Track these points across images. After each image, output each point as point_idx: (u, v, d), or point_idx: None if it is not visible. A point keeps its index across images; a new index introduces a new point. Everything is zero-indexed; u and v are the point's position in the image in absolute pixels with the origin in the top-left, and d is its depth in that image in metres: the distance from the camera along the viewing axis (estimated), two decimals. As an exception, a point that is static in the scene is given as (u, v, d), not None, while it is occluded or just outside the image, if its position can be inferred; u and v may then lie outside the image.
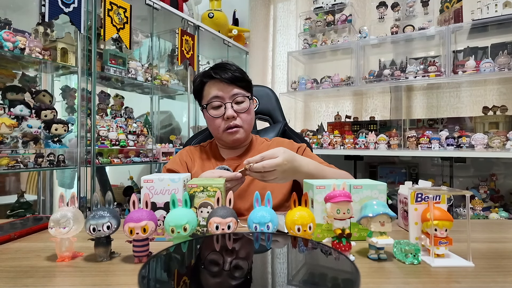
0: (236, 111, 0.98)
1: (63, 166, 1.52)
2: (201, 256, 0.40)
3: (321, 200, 0.60)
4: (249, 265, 0.38)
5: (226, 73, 0.97)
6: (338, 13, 2.30)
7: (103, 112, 1.80)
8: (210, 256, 0.40)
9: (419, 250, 0.50)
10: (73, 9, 1.48)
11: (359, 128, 2.23)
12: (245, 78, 1.02)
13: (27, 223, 0.73)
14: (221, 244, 0.43)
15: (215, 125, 1.00)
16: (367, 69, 2.18)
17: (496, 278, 0.45)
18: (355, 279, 0.31)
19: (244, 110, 0.99)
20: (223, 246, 0.43)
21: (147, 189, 0.61)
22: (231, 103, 0.97)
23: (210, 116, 1.00)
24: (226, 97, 0.98)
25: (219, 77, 0.97)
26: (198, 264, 0.38)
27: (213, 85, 0.99)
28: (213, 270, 0.36)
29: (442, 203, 0.54)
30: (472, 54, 1.91)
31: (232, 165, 1.02)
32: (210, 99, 0.99)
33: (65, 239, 0.51)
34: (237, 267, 0.38)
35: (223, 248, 0.42)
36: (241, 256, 0.41)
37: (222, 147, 1.09)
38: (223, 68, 0.99)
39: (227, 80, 0.97)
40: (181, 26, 2.19)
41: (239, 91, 0.99)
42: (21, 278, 0.45)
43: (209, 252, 0.41)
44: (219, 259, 0.39)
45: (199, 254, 0.41)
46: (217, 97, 0.98)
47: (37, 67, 1.64)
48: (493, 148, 1.66)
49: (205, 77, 1.01)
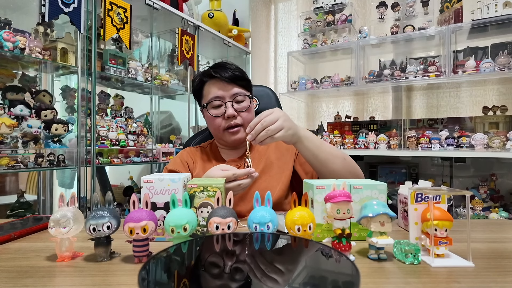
0: (236, 110, 0.97)
1: (63, 166, 1.52)
2: (201, 256, 0.40)
3: (321, 200, 0.60)
4: (248, 266, 0.38)
5: (226, 72, 0.97)
6: (338, 13, 2.30)
7: (103, 112, 1.80)
8: (210, 257, 0.40)
9: (419, 250, 0.50)
10: (73, 9, 1.48)
11: (359, 128, 2.23)
12: (245, 77, 1.02)
13: (27, 223, 0.73)
14: (221, 244, 0.43)
15: (216, 125, 0.99)
16: (367, 69, 2.17)
17: (496, 278, 0.45)
18: (355, 279, 0.31)
19: (244, 109, 0.99)
20: (223, 246, 0.43)
21: (147, 189, 0.61)
22: (232, 102, 0.97)
23: (210, 115, 0.99)
24: (227, 96, 0.97)
25: (219, 76, 0.97)
26: (198, 264, 0.38)
27: (213, 85, 0.99)
28: (213, 271, 0.36)
29: (442, 203, 0.54)
30: (472, 54, 1.91)
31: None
32: (210, 99, 0.98)
33: (65, 239, 0.51)
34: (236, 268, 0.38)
35: (223, 249, 0.42)
36: (240, 257, 0.41)
37: (223, 147, 1.09)
38: (223, 67, 0.99)
39: (227, 79, 0.97)
40: (181, 26, 2.19)
41: (239, 90, 0.99)
42: (21, 278, 0.45)
43: (209, 253, 0.41)
44: (219, 259, 0.39)
45: (199, 255, 0.41)
46: (217, 96, 0.97)
47: (37, 67, 1.64)
48: (493, 148, 1.66)
49: (204, 77, 1.01)
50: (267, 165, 1.03)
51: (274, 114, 0.81)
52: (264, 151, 1.07)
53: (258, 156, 1.06)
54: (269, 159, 1.04)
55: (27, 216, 0.82)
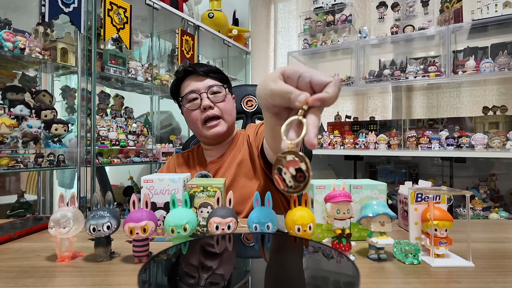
0: (213, 102, 0.95)
1: (63, 166, 1.52)
2: (200, 256, 0.40)
3: (321, 200, 0.60)
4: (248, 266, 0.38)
5: (200, 67, 0.97)
6: (338, 13, 2.30)
7: (103, 112, 1.79)
8: (210, 256, 0.40)
9: (419, 250, 0.50)
10: (73, 9, 1.48)
11: (359, 128, 2.23)
12: (220, 71, 1.01)
13: (27, 223, 0.73)
14: (221, 244, 0.43)
15: (193, 119, 0.97)
16: (367, 69, 2.17)
17: (496, 278, 0.45)
18: (355, 279, 0.31)
19: (220, 99, 0.97)
20: (223, 246, 0.43)
21: (147, 189, 0.61)
22: (207, 94, 0.95)
23: (186, 109, 0.98)
24: (201, 88, 0.96)
25: (193, 69, 0.97)
26: (197, 264, 0.38)
27: (188, 80, 0.99)
28: (213, 270, 0.36)
29: (442, 203, 0.54)
30: (472, 54, 1.91)
31: (213, 169, 1.00)
32: (185, 93, 0.97)
33: (65, 239, 0.51)
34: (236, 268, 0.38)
35: (223, 248, 0.42)
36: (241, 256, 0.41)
37: (206, 147, 1.05)
38: (198, 64, 1.00)
39: (202, 72, 0.97)
40: (181, 26, 2.19)
41: (214, 82, 0.98)
42: (21, 278, 0.45)
43: (209, 253, 0.41)
44: (219, 258, 0.39)
45: (199, 255, 0.41)
46: (192, 90, 0.96)
47: (37, 67, 1.64)
48: (493, 148, 1.66)
49: (180, 74, 1.01)
50: (241, 163, 0.98)
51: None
52: (240, 148, 1.02)
53: (236, 152, 1.01)
54: (242, 156, 0.99)
55: (27, 216, 0.82)
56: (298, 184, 0.37)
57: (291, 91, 0.40)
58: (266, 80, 0.45)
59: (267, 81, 0.44)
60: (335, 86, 0.38)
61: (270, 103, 0.44)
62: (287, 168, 0.37)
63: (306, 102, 0.38)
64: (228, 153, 1.02)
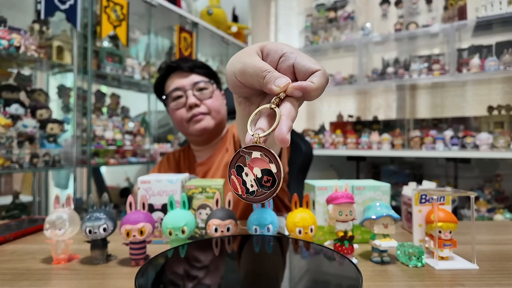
0: (199, 99, 0.89)
1: (59, 167, 1.51)
2: (200, 259, 0.39)
3: (323, 202, 0.59)
4: (249, 268, 0.37)
5: (185, 63, 0.91)
6: (340, 9, 2.28)
7: (99, 111, 1.76)
8: (209, 259, 0.39)
9: (423, 253, 0.49)
10: (69, 6, 1.46)
11: (361, 127, 2.21)
12: (207, 66, 0.96)
13: (23, 225, 0.72)
14: (220, 246, 0.42)
15: (178, 118, 0.91)
16: (370, 67, 2.16)
17: (501, 280, 0.44)
18: (358, 282, 0.30)
19: (207, 96, 0.90)
20: (222, 248, 0.42)
21: (144, 190, 0.60)
22: (192, 91, 0.89)
23: (171, 109, 0.92)
24: (187, 85, 0.90)
25: (176, 65, 0.91)
26: (196, 267, 0.37)
27: (172, 77, 0.93)
28: (212, 273, 0.35)
29: (446, 204, 0.53)
30: (477, 52, 1.89)
31: (201, 171, 0.95)
32: (169, 91, 0.91)
33: (60, 241, 0.50)
34: (236, 271, 0.37)
35: (222, 251, 0.41)
36: (240, 259, 0.40)
37: (195, 147, 1.00)
38: (182, 59, 0.95)
39: (187, 68, 0.90)
40: (179, 23, 2.15)
41: (200, 78, 0.91)
42: (16, 281, 0.44)
43: (209, 255, 0.40)
44: (219, 261, 0.38)
45: (198, 257, 0.40)
46: (177, 87, 0.90)
47: (32, 66, 1.62)
48: (498, 148, 1.64)
49: (163, 70, 0.96)
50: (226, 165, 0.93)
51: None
52: (228, 147, 0.95)
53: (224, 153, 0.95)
54: (229, 156, 0.92)
55: (22, 218, 0.81)
56: (263, 191, 0.30)
57: (268, 69, 0.32)
58: (239, 53, 0.37)
59: (240, 55, 0.37)
60: (322, 76, 0.31)
61: (238, 81, 0.36)
62: (250, 168, 0.30)
63: (284, 88, 0.31)
64: (217, 153, 0.96)
